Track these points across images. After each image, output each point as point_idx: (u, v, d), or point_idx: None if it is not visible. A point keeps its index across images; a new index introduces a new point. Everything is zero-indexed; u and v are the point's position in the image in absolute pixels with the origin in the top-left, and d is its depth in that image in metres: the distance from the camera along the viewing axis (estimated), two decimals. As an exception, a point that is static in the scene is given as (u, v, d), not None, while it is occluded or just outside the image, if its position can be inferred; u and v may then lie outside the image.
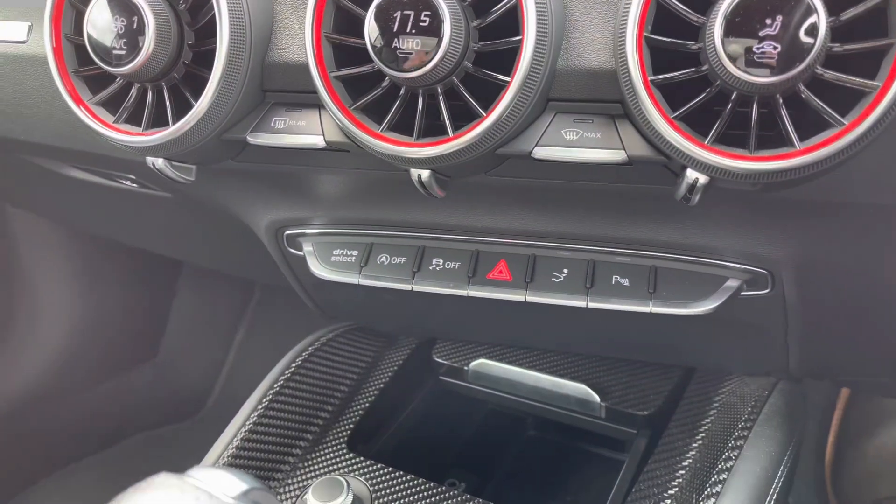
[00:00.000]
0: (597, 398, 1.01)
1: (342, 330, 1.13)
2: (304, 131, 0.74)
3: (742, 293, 0.81)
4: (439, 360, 1.11)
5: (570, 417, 1.05)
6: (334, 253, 0.93)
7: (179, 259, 1.99)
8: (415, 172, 0.70)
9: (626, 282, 0.83)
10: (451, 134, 0.67)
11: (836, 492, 1.58)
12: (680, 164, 0.64)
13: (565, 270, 0.85)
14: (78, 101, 0.77)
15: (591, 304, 0.83)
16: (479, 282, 0.87)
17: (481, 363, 1.09)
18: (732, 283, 0.81)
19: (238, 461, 0.93)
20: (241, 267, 1.64)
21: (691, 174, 0.64)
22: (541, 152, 0.68)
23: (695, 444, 0.92)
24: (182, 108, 0.73)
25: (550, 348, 1.09)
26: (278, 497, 0.92)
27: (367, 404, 1.06)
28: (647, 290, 0.82)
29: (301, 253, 0.97)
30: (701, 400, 0.99)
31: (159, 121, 0.75)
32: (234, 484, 0.48)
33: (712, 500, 0.79)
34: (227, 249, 1.39)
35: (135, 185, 1.10)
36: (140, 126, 0.76)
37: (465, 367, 1.09)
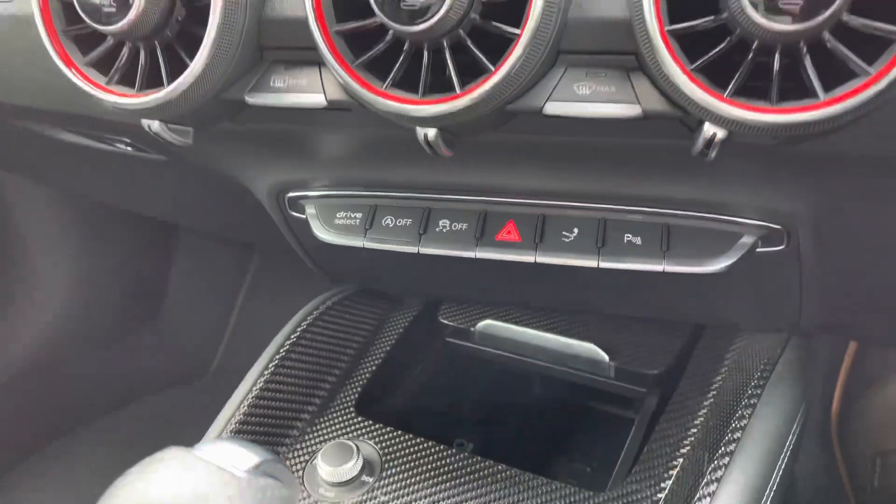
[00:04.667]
0: (606, 357, 1.00)
1: (346, 293, 1.12)
2: (305, 90, 0.71)
3: (757, 250, 0.80)
4: (445, 322, 1.10)
5: (579, 377, 1.04)
6: (338, 216, 0.91)
7: (177, 223, 1.97)
8: (421, 131, 0.68)
9: (638, 240, 0.81)
10: (458, 90, 0.64)
11: (842, 444, 1.59)
12: (697, 118, 0.62)
13: (575, 230, 0.83)
14: (68, 63, 0.74)
15: (603, 264, 0.81)
16: (487, 243, 0.85)
17: (488, 324, 1.07)
18: (747, 240, 0.79)
19: (246, 427, 0.92)
20: (240, 231, 1.62)
21: (709, 129, 0.61)
22: (552, 108, 0.65)
23: (706, 403, 0.91)
24: (177, 68, 0.70)
25: (559, 308, 1.07)
26: (287, 463, 0.92)
27: (373, 368, 1.04)
28: (660, 248, 0.80)
29: (303, 216, 0.95)
30: (711, 357, 0.98)
31: (153, 82, 0.72)
32: (246, 457, 0.47)
33: (726, 458, 0.78)
34: (227, 213, 1.37)
35: (130, 148, 1.07)
36: (134, 88, 0.73)
37: (472, 329, 1.08)
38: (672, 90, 0.60)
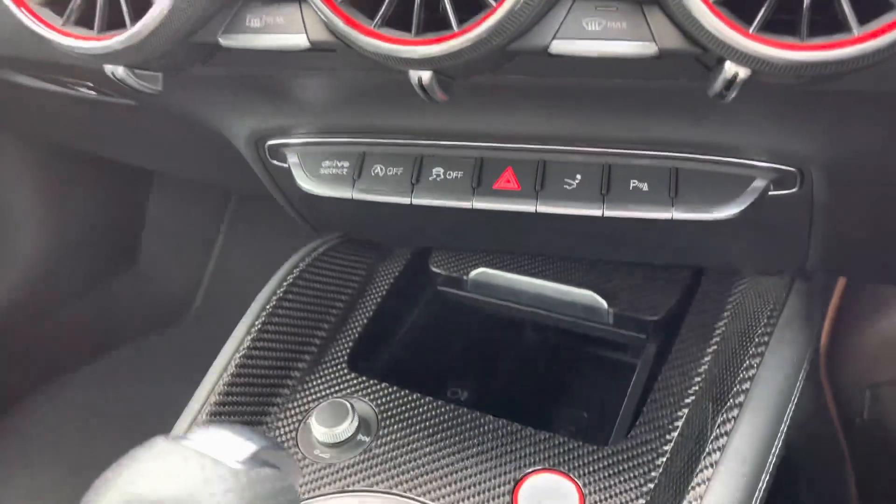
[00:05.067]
0: (604, 304, 0.97)
1: (331, 243, 1.07)
2: (284, 30, 0.64)
3: (769, 193, 0.76)
4: (437, 271, 1.06)
5: (577, 324, 1.01)
6: (323, 165, 0.85)
7: (150, 168, 1.89)
8: (414, 74, 0.62)
9: (644, 186, 0.76)
10: (455, 28, 0.58)
11: (831, 378, 1.59)
12: (717, 56, 0.56)
13: (578, 176, 0.78)
14: (18, 2, 0.66)
15: (608, 213, 0.76)
16: (485, 192, 0.80)
17: (482, 272, 1.03)
18: (759, 184, 0.75)
19: (235, 388, 0.88)
20: (218, 176, 1.55)
21: (731, 68, 0.56)
22: (559, 46, 0.59)
23: (710, 350, 0.89)
24: (140, 6, 0.63)
25: (555, 254, 1.03)
26: (280, 423, 0.89)
27: (364, 320, 1.01)
28: (667, 194, 0.76)
29: (285, 165, 0.89)
30: (713, 302, 0.95)
31: (115, 21, 0.65)
32: (242, 446, 0.43)
33: (735, 410, 0.76)
34: (203, 158, 1.30)
35: (93, 92, 0.99)
36: (93, 29, 0.65)
37: (465, 277, 1.04)
38: (692, 25, 0.55)
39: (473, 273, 1.03)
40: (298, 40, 0.64)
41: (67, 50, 0.66)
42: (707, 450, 0.73)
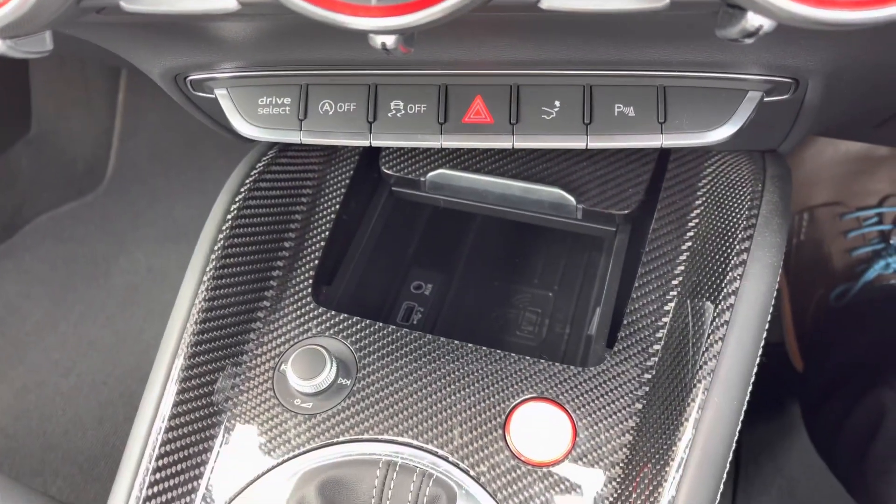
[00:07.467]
0: (573, 200, 0.92)
1: (272, 155, 0.96)
2: (203, -13, 0.51)
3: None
4: (389, 172, 0.97)
5: (544, 220, 0.97)
6: (260, 102, 0.73)
7: None
8: (377, 38, 0.51)
9: (631, 111, 0.69)
10: (429, -10, 0.47)
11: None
12: (740, 6, 0.48)
13: (557, 103, 0.70)
14: None
15: (592, 144, 0.70)
16: (454, 129, 0.71)
17: (440, 174, 0.96)
18: (754, 96, 0.69)
19: (201, 348, 0.82)
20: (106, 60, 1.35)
21: (755, 20, 0.48)
22: (552, 1, 0.49)
23: (684, 248, 0.87)
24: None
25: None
26: (253, 373, 0.84)
27: (322, 243, 0.93)
28: (656, 119, 0.69)
29: (212, 96, 0.76)
30: (683, 190, 0.92)
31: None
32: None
33: (722, 330, 0.75)
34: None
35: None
36: (-52, -1, 0.51)
37: (422, 179, 0.96)
38: (713, -26, 0.46)
39: (431, 175, 0.96)
40: (222, 3, 0.51)
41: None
42: (697, 377, 0.73)
